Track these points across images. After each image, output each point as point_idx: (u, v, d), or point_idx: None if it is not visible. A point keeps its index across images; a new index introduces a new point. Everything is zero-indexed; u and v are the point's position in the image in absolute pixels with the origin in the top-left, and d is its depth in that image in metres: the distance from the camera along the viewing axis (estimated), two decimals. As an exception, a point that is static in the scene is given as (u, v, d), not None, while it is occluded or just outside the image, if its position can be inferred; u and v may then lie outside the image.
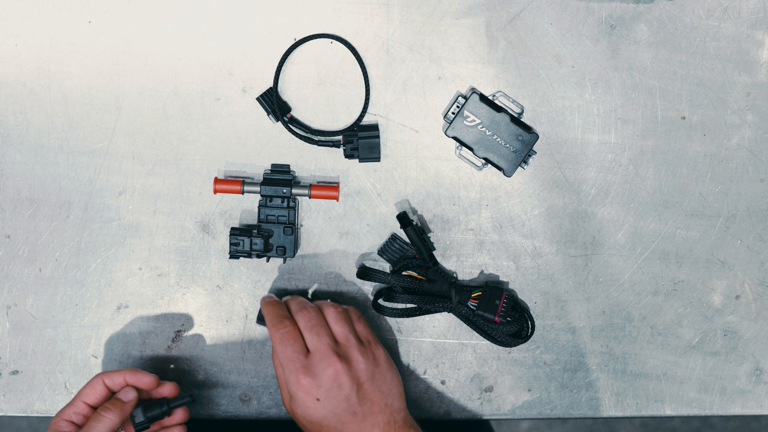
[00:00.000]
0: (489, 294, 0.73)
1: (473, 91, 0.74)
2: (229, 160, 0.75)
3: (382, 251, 0.75)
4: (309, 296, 0.76)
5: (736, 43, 0.75)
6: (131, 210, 0.75)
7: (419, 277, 0.73)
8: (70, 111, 0.74)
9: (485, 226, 0.76)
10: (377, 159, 0.73)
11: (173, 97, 0.74)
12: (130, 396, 0.69)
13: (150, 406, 0.70)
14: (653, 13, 0.74)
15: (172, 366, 0.77)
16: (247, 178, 0.74)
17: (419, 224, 0.75)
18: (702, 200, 0.76)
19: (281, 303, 0.71)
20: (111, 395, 0.70)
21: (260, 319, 0.73)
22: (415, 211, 0.75)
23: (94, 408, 0.69)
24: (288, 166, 0.74)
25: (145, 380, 0.70)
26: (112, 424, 0.67)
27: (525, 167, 0.74)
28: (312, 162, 0.75)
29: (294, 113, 0.74)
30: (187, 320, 0.76)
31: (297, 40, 0.73)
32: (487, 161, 0.74)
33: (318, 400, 0.66)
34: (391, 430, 0.67)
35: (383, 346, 0.71)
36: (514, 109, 0.74)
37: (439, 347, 0.77)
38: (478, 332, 0.75)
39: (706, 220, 0.76)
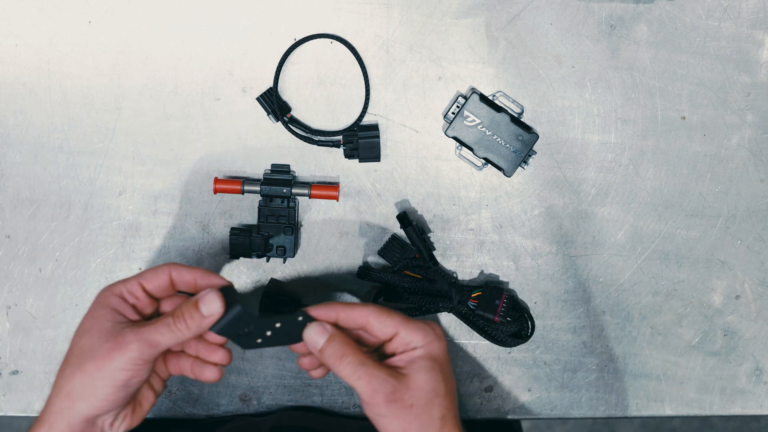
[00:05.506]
0: (489, 294, 0.73)
1: (473, 91, 0.74)
2: (229, 160, 0.75)
3: (382, 251, 0.75)
4: (302, 299, 0.76)
5: (736, 43, 0.75)
6: (131, 210, 0.75)
7: (419, 276, 0.73)
8: (70, 111, 0.74)
9: (485, 226, 0.76)
10: (377, 159, 0.73)
11: (173, 97, 0.74)
12: (213, 309, 0.55)
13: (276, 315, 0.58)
14: (653, 13, 0.74)
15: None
16: (247, 178, 0.74)
17: (419, 224, 0.75)
18: (702, 200, 0.76)
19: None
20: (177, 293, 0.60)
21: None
22: (415, 211, 0.75)
23: (152, 297, 0.60)
24: (288, 166, 0.74)
25: (216, 283, 0.58)
26: (181, 338, 0.55)
27: (525, 167, 0.74)
28: (312, 162, 0.75)
29: (294, 113, 0.74)
30: (187, 320, 0.76)
31: (297, 40, 0.73)
32: (487, 161, 0.74)
33: None
34: None
35: None
36: (514, 109, 0.74)
37: (439, 347, 0.77)
38: (478, 332, 0.75)
39: (706, 220, 0.76)
